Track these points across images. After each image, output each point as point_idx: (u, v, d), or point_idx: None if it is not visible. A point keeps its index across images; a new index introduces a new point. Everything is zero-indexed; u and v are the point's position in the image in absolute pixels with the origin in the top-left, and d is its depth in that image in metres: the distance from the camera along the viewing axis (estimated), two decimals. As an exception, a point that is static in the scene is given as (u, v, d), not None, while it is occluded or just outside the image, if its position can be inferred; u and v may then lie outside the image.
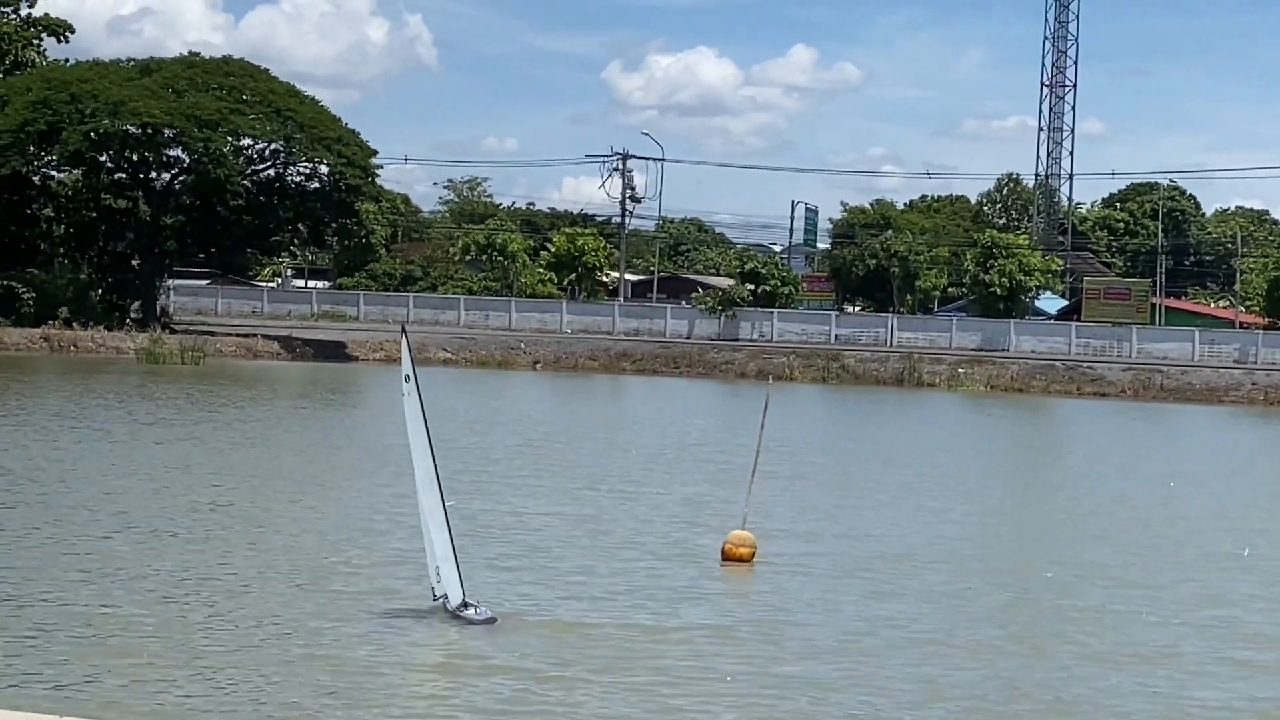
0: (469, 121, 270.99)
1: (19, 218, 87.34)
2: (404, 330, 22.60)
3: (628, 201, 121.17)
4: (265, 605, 19.99)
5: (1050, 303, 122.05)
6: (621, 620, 20.35)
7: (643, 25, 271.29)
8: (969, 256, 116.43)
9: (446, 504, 19.44)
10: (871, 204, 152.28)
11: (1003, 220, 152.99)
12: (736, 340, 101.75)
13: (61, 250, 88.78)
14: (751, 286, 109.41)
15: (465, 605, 19.38)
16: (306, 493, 30.77)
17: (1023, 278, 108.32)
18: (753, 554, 25.42)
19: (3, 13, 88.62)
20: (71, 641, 17.59)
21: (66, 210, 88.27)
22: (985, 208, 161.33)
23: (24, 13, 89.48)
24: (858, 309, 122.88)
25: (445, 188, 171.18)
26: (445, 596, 19.41)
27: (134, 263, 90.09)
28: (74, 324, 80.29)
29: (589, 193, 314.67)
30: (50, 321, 79.79)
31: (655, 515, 30.33)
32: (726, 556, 25.38)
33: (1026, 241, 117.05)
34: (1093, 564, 26.88)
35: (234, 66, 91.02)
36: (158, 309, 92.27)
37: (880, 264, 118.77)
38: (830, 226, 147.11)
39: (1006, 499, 37.21)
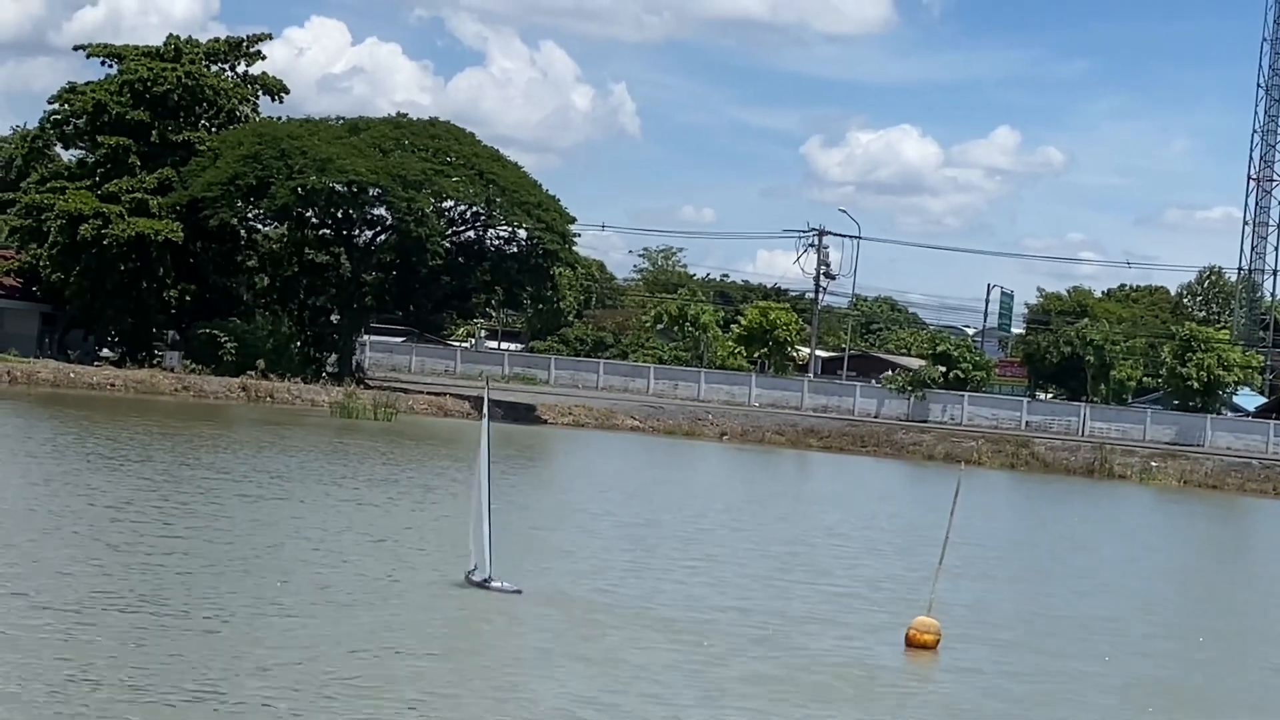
0: (667, 190, 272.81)
1: (225, 268, 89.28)
2: (486, 381, 26.52)
3: (822, 278, 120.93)
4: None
5: (1249, 399, 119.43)
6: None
7: (845, 102, 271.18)
8: (1167, 348, 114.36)
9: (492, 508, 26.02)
10: (1068, 291, 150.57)
11: (1203, 313, 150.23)
12: (925, 422, 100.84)
13: (264, 302, 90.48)
14: (943, 368, 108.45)
15: (489, 580, 25.85)
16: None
17: (1221, 372, 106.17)
18: (937, 641, 25.13)
19: (221, 69, 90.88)
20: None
21: (271, 263, 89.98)
22: (1185, 300, 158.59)
23: (241, 70, 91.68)
24: (1050, 396, 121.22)
25: (640, 256, 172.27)
26: (474, 569, 26.07)
27: (333, 317, 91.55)
28: (272, 375, 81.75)
29: (783, 266, 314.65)
30: (249, 371, 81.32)
31: (841, 599, 30.08)
32: (911, 642, 25.12)
33: (1227, 336, 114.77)
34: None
35: (440, 128, 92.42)
36: (353, 364, 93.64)
37: (1075, 351, 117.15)
38: (1025, 311, 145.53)
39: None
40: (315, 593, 25.17)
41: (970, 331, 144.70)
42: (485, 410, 28.75)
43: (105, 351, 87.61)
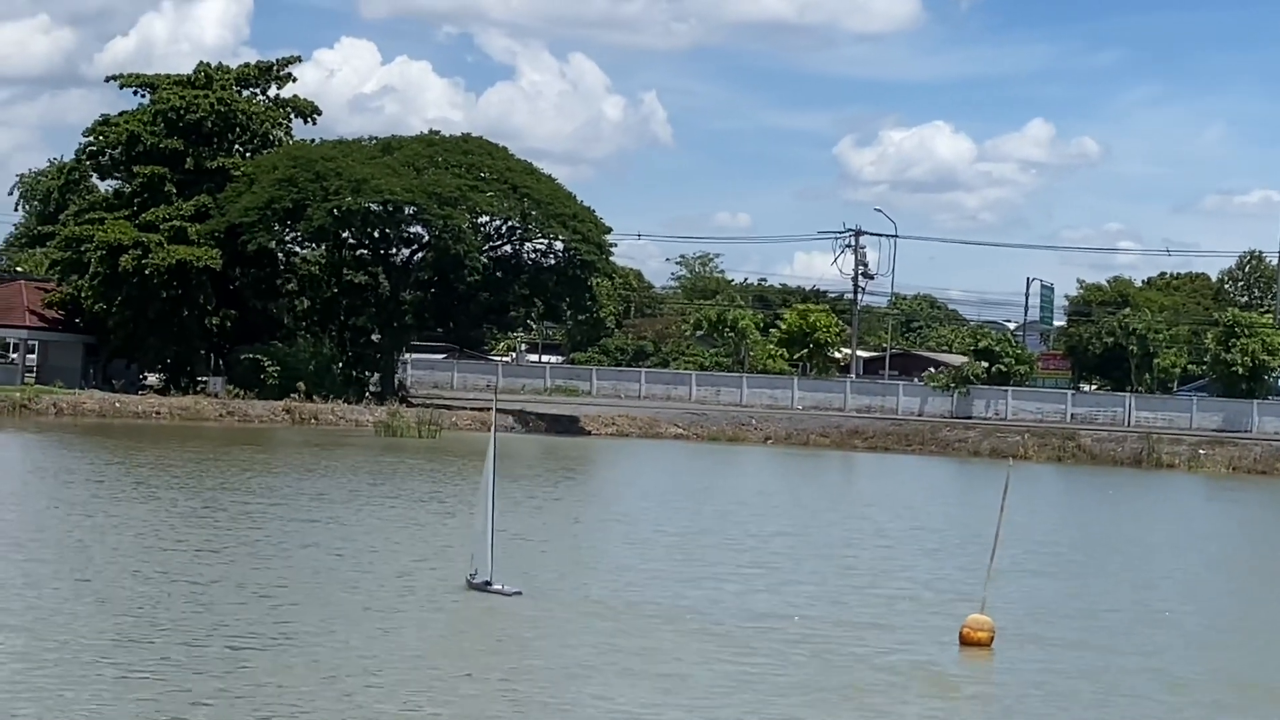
0: (701, 197, 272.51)
1: (265, 292, 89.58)
2: (495, 392, 29.63)
3: (860, 278, 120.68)
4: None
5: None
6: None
7: (876, 101, 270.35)
8: (1210, 335, 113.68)
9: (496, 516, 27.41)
10: (1109, 281, 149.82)
11: (1245, 298, 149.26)
12: (969, 418, 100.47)
13: (304, 324, 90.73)
14: (985, 363, 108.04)
15: (489, 583, 26.84)
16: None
17: (1266, 357, 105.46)
18: (991, 638, 25.03)
19: (253, 94, 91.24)
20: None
21: (310, 285, 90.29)
22: (1227, 285, 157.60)
23: (273, 93, 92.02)
24: (1094, 387, 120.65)
25: (677, 263, 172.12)
26: (475, 573, 27.06)
27: (374, 337, 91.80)
28: (315, 396, 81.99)
29: (820, 268, 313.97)
30: (292, 394, 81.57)
31: (893, 600, 30.00)
32: (965, 641, 25.04)
33: (1270, 320, 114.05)
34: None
35: (472, 144, 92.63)
36: (396, 382, 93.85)
37: (1118, 342, 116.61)
38: (1066, 304, 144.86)
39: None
40: (371, 614, 25.23)
41: (1011, 326, 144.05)
42: (493, 421, 30.36)
43: (149, 379, 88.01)
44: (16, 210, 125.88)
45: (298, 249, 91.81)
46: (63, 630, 22.67)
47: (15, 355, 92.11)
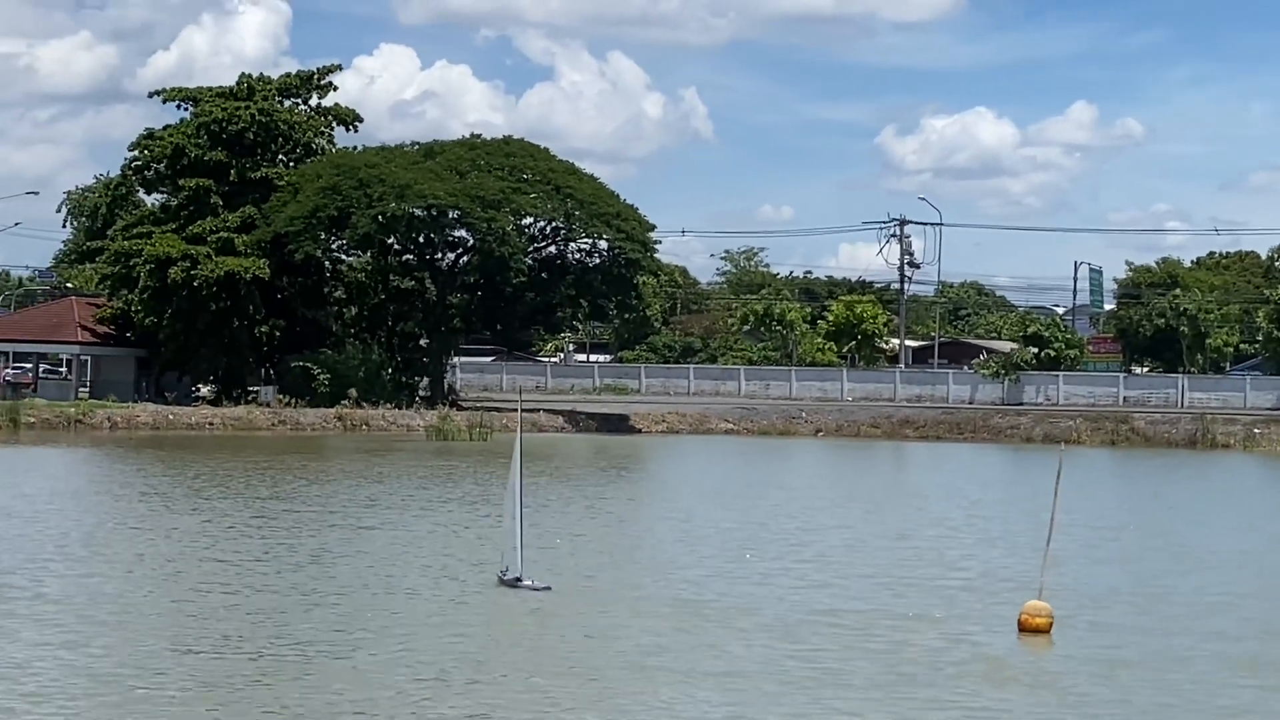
0: (744, 191, 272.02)
1: (313, 301, 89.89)
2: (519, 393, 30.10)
3: (906, 267, 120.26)
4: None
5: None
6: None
7: (916, 89, 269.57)
8: (1261, 313, 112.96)
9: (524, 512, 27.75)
10: (1157, 262, 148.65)
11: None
12: (1020, 404, 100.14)
13: (353, 331, 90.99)
14: (1035, 349, 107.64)
15: (520, 579, 27.29)
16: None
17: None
18: (1050, 624, 24.95)
19: (295, 103, 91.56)
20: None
21: (357, 292, 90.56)
22: (1277, 262, 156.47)
23: (314, 102, 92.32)
24: (1146, 370, 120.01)
25: (722, 258, 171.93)
26: (505, 570, 27.58)
27: (422, 341, 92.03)
28: (365, 403, 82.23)
29: (866, 259, 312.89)
30: (343, 401, 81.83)
31: (950, 586, 29.94)
32: (1024, 627, 24.97)
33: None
34: None
35: (514, 146, 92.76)
36: (445, 386, 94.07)
37: (1168, 323, 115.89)
38: (1115, 286, 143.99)
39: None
40: (439, 620, 25.32)
41: (1060, 310, 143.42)
42: (519, 420, 32.00)
43: (201, 391, 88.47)
44: (65, 227, 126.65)
45: (344, 256, 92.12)
46: (127, 645, 22.81)
47: (65, 370, 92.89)
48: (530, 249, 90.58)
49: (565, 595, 27.40)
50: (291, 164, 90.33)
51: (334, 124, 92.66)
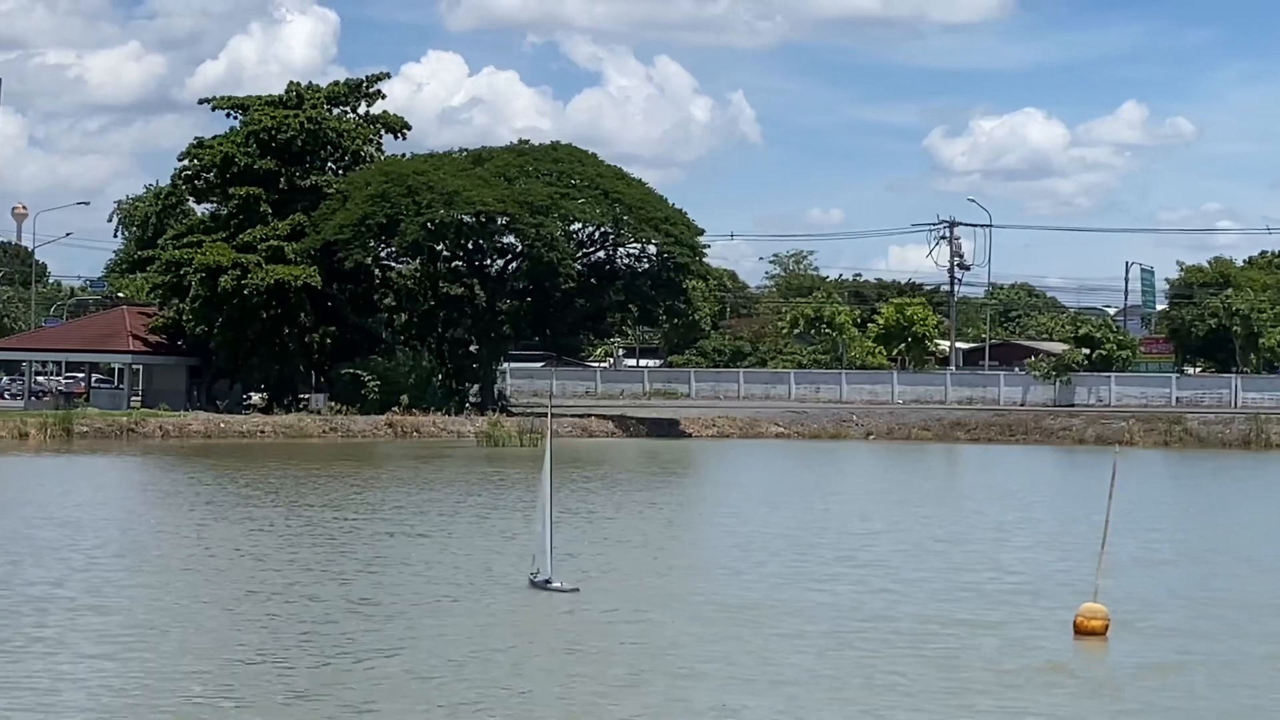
0: (792, 194, 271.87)
1: (362, 308, 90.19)
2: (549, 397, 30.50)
3: (956, 269, 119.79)
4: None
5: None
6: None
7: (965, 91, 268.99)
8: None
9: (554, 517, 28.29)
10: (1209, 262, 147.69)
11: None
12: (1072, 406, 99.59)
13: (403, 338, 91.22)
14: (1086, 350, 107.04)
15: (549, 581, 27.67)
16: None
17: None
18: (1105, 626, 24.75)
19: (343, 111, 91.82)
20: None
21: (407, 299, 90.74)
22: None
23: (363, 110, 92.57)
24: (1198, 370, 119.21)
25: (771, 262, 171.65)
26: (536, 572, 27.91)
27: (472, 348, 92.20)
28: (416, 410, 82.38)
29: (915, 261, 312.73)
30: (394, 408, 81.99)
31: (1005, 590, 29.76)
32: (1079, 630, 24.77)
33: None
34: None
35: (562, 152, 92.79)
36: (495, 392, 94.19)
37: (1221, 323, 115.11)
38: (1166, 286, 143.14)
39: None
40: (495, 630, 25.30)
41: (1111, 311, 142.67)
42: (549, 424, 32.63)
43: (253, 399, 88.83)
44: (116, 236, 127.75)
45: (393, 264, 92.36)
46: (179, 654, 22.86)
47: (117, 379, 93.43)
48: (579, 254, 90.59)
49: (591, 596, 27.48)
50: (340, 172, 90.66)
51: (382, 131, 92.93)
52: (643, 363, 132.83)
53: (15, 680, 20.69)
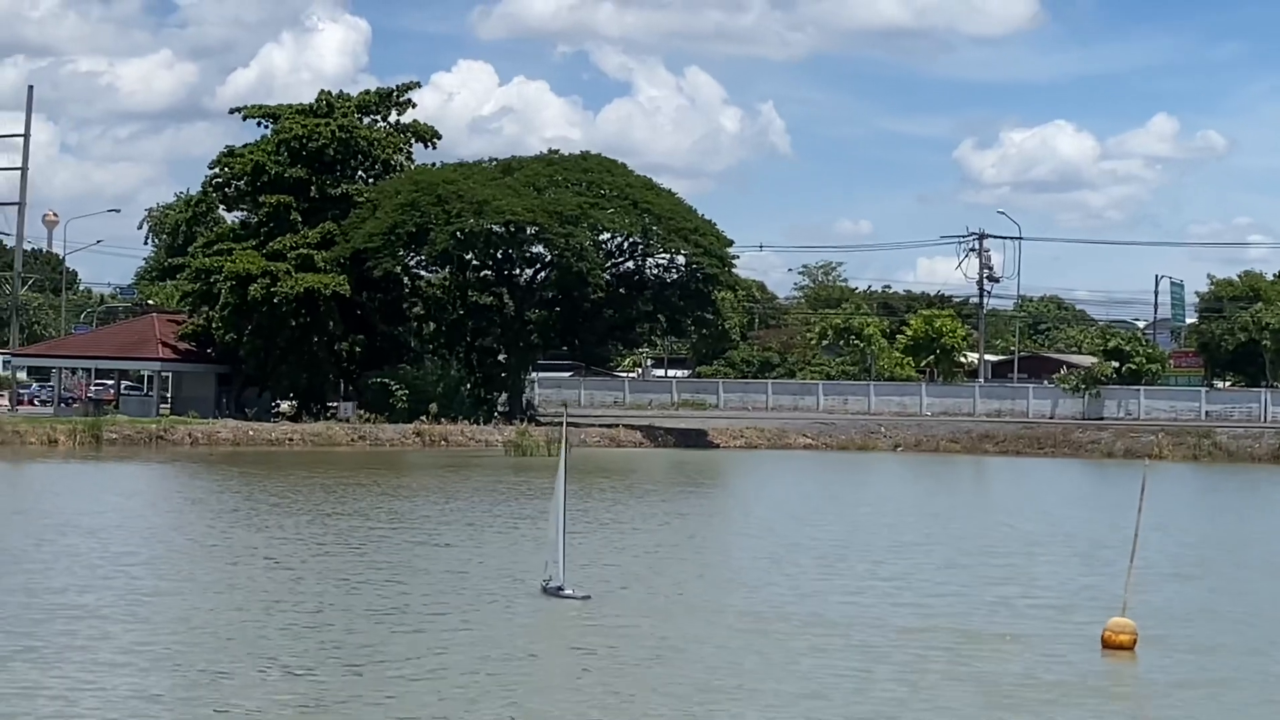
0: (822, 206, 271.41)
1: (391, 317, 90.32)
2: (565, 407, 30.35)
3: (985, 281, 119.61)
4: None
5: None
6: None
7: (995, 103, 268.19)
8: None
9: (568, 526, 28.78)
10: (1240, 275, 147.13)
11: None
12: (1101, 419, 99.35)
13: (431, 347, 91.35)
14: (1116, 364, 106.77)
15: (561, 588, 27.92)
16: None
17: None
18: (1134, 641, 24.66)
19: (374, 120, 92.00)
20: None
21: (436, 308, 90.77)
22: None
23: (393, 119, 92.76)
24: (1228, 384, 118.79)
25: (800, 273, 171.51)
26: (549, 579, 28.10)
27: (500, 357, 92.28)
28: (444, 418, 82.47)
29: (944, 273, 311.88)
30: (422, 417, 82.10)
31: (1034, 604, 29.68)
32: (1107, 644, 24.69)
33: None
34: None
35: (592, 162, 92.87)
36: (524, 401, 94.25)
37: (1251, 337, 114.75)
38: (1196, 300, 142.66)
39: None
40: (497, 637, 25.32)
41: (1141, 324, 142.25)
42: (564, 434, 32.14)
43: (281, 407, 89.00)
44: (146, 244, 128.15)
45: (423, 272, 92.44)
46: (208, 661, 22.91)
47: (146, 386, 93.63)
48: (608, 264, 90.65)
49: (604, 603, 27.52)
50: (371, 180, 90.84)
51: (413, 140, 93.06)
52: (671, 373, 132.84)
53: (44, 686, 20.75)
